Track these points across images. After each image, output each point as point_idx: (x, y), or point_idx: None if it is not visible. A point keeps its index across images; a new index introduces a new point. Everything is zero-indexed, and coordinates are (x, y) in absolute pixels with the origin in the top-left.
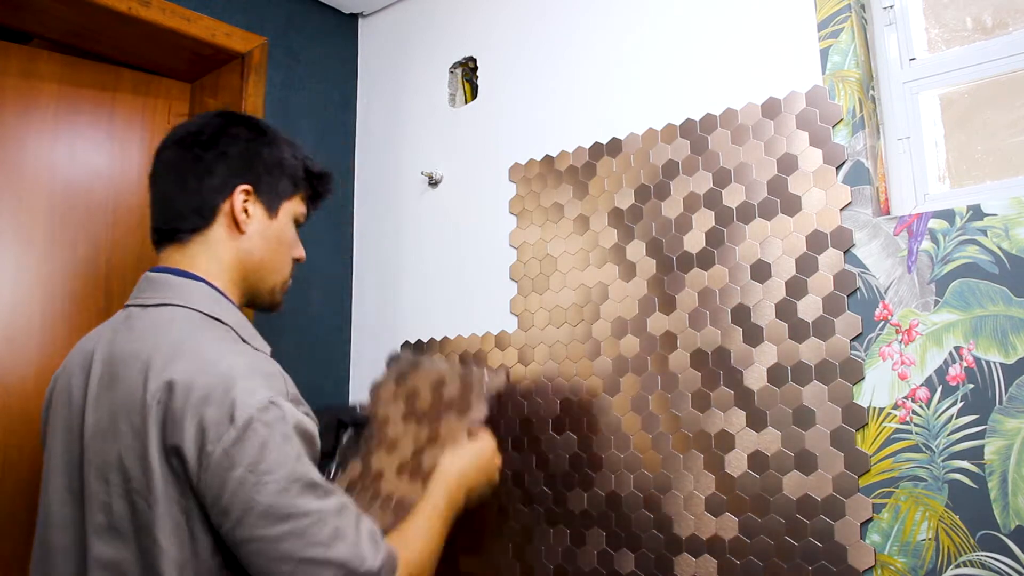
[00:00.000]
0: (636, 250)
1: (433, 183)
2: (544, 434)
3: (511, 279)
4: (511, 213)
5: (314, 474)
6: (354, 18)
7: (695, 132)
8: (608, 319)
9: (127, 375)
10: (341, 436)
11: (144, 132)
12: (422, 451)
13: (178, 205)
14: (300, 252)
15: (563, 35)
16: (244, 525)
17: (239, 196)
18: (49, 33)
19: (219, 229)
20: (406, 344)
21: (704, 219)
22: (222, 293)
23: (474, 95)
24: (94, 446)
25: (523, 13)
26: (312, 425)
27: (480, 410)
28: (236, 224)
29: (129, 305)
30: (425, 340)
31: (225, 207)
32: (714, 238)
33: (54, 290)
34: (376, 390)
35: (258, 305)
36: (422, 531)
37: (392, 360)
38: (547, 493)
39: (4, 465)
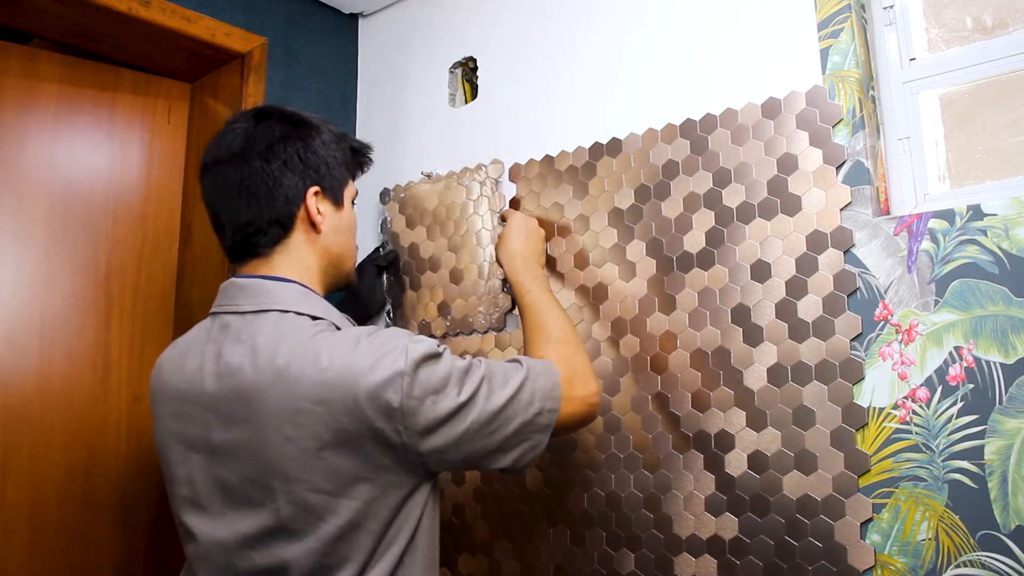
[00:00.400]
0: (636, 250)
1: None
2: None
3: None
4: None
5: (459, 363)
6: (354, 18)
7: (695, 132)
8: (608, 319)
9: (261, 387)
10: (383, 280)
11: (144, 132)
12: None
13: (256, 221)
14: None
15: (563, 35)
16: (458, 435)
17: (311, 199)
18: (49, 33)
19: (298, 235)
20: None
21: (704, 219)
22: (313, 291)
23: (474, 95)
24: (237, 460)
25: (523, 13)
26: (432, 344)
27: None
28: (313, 226)
29: (219, 313)
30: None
31: (301, 213)
32: (714, 238)
33: (54, 290)
34: (388, 229)
35: (337, 288)
36: (544, 325)
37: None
38: (547, 493)
39: (5, 466)
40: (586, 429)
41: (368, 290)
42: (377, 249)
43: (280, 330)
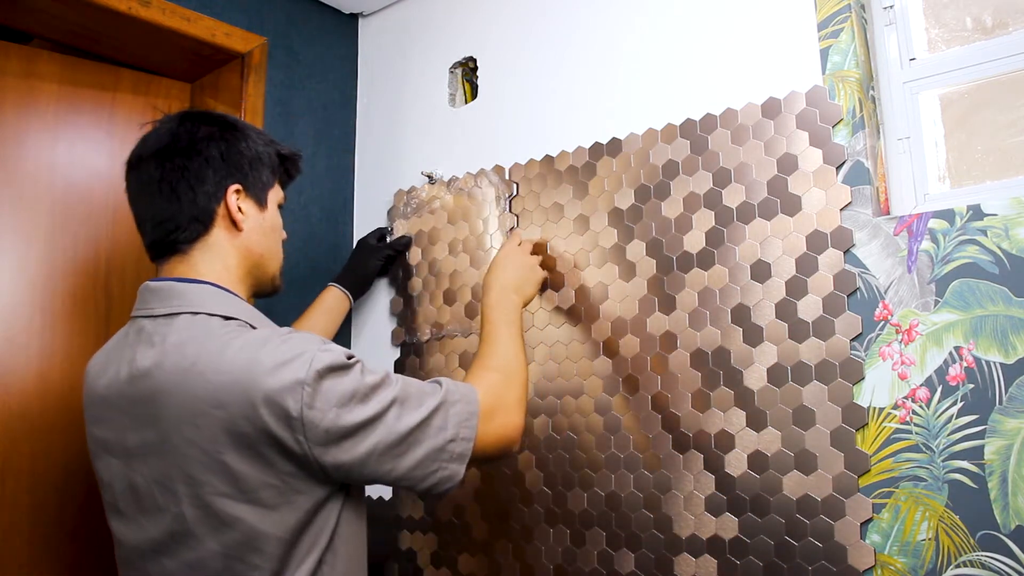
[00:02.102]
0: (636, 250)
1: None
2: (544, 434)
3: None
4: (511, 213)
5: (367, 378)
6: (354, 18)
7: (695, 132)
8: (608, 319)
9: (169, 389)
10: (384, 266)
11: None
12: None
13: (176, 218)
14: (284, 233)
15: (563, 35)
16: (356, 452)
17: (232, 197)
18: (49, 33)
19: (218, 232)
20: (407, 344)
21: (704, 219)
22: (228, 291)
23: (474, 95)
24: (146, 464)
25: (523, 13)
26: (341, 354)
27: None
28: (234, 224)
29: (136, 317)
30: (425, 340)
31: (221, 210)
32: (714, 238)
33: (54, 290)
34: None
35: (262, 293)
36: (491, 355)
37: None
38: (547, 493)
39: (5, 466)
40: (586, 429)
41: (368, 269)
42: (382, 231)
43: (190, 332)
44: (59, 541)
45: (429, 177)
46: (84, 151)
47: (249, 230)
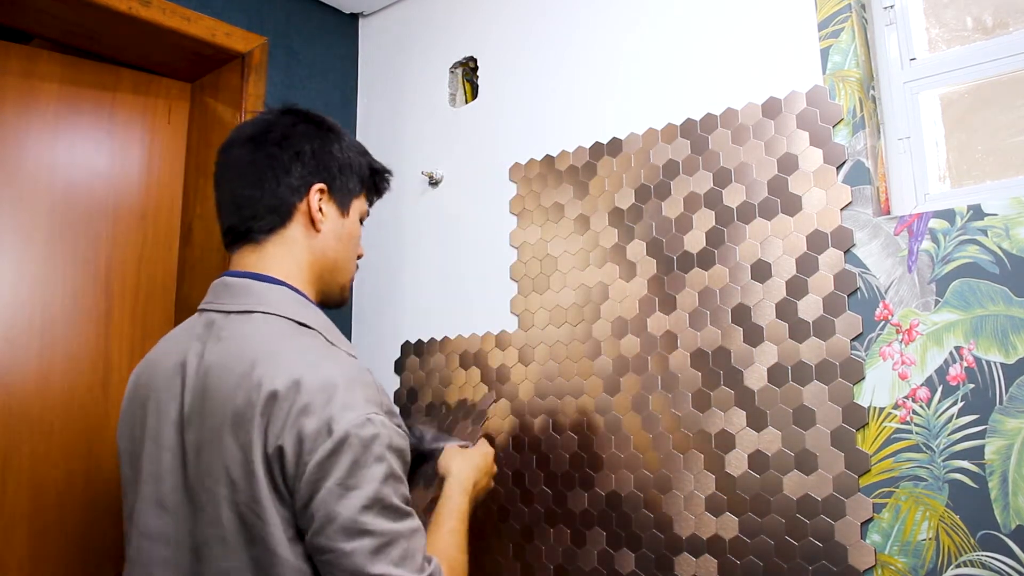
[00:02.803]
0: (636, 250)
1: (433, 183)
2: (544, 434)
3: (511, 279)
4: (511, 213)
5: (395, 497)
6: (354, 18)
7: (695, 132)
8: (608, 319)
9: (226, 387)
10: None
11: (144, 132)
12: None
13: (255, 204)
14: (362, 249)
15: (563, 35)
16: (323, 535)
17: (315, 195)
18: (49, 33)
19: (295, 228)
20: (407, 344)
21: (704, 219)
22: (304, 295)
23: (474, 95)
24: (198, 460)
25: (523, 13)
26: (403, 439)
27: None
28: (312, 223)
29: (206, 310)
30: (425, 340)
31: (302, 206)
32: (714, 238)
33: (54, 290)
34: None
35: (328, 303)
36: (455, 538)
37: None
38: (547, 493)
39: (5, 466)
40: (587, 429)
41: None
42: (425, 437)
43: (261, 333)
44: (59, 541)
45: (429, 177)
46: (84, 151)
47: (327, 232)
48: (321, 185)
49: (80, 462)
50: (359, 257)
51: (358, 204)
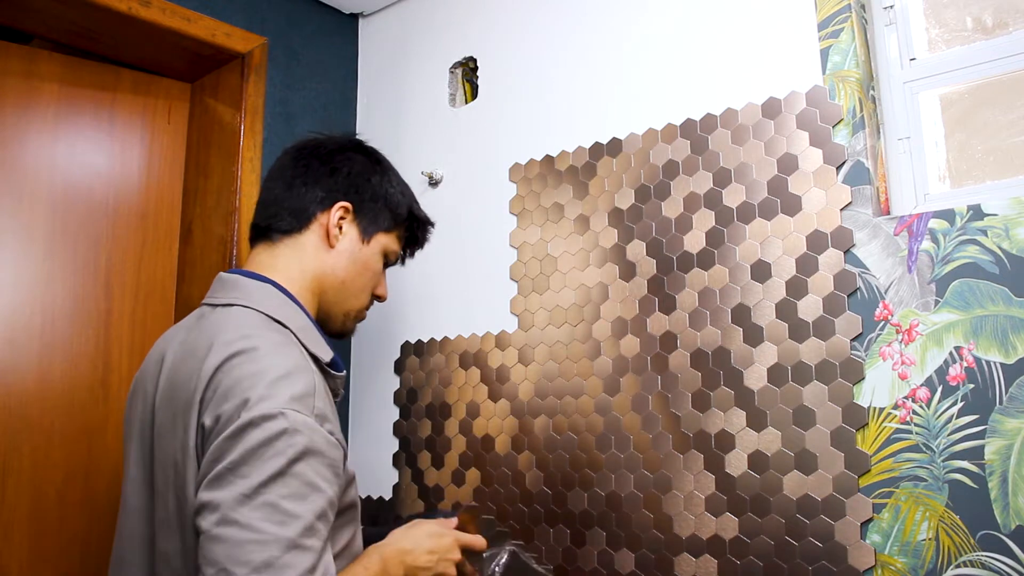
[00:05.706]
0: (636, 250)
1: (433, 183)
2: (544, 434)
3: (511, 279)
4: (511, 213)
5: (285, 500)
6: (354, 18)
7: (695, 132)
8: (608, 319)
9: (184, 374)
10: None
11: (144, 132)
12: None
13: (279, 204)
14: (383, 290)
15: (563, 35)
16: (201, 514)
17: (337, 211)
18: (49, 33)
19: (311, 237)
20: (407, 344)
21: (704, 219)
22: (293, 298)
23: (474, 95)
24: (160, 443)
25: (523, 13)
26: (331, 448)
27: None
28: (328, 237)
29: (204, 304)
30: (425, 340)
31: (322, 218)
32: (714, 238)
33: (54, 290)
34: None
35: (328, 328)
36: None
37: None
38: (547, 493)
39: (5, 466)
40: (586, 429)
41: None
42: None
43: (229, 323)
44: (59, 541)
45: (429, 177)
46: (84, 151)
47: (341, 251)
48: (346, 204)
49: (80, 462)
50: (378, 298)
51: (384, 239)
